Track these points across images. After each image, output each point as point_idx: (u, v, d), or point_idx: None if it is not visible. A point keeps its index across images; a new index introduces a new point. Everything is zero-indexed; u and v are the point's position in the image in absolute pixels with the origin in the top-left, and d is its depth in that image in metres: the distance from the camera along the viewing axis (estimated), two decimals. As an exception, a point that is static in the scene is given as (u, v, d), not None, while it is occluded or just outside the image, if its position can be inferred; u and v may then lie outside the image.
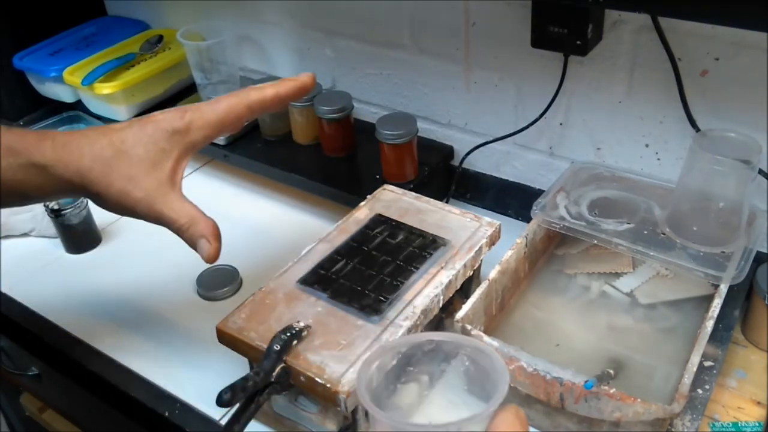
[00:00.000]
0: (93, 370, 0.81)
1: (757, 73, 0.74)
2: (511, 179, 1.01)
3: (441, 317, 0.77)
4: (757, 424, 0.69)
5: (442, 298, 0.71)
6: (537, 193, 0.88)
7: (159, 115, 0.62)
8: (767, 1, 0.55)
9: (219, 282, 0.90)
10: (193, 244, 0.61)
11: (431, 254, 0.74)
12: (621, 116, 0.86)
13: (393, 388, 0.43)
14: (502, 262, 0.76)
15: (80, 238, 1.00)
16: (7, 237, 1.03)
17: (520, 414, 0.40)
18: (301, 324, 0.65)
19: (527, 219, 0.81)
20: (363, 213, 0.81)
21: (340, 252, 0.75)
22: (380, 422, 0.38)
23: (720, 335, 0.72)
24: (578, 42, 0.78)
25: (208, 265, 0.92)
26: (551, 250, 0.87)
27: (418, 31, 0.98)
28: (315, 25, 1.10)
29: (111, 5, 1.38)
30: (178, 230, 0.61)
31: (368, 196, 0.85)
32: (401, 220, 0.79)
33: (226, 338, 0.68)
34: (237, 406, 0.58)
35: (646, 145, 0.87)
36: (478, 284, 0.73)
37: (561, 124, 0.92)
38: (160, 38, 1.23)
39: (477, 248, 0.75)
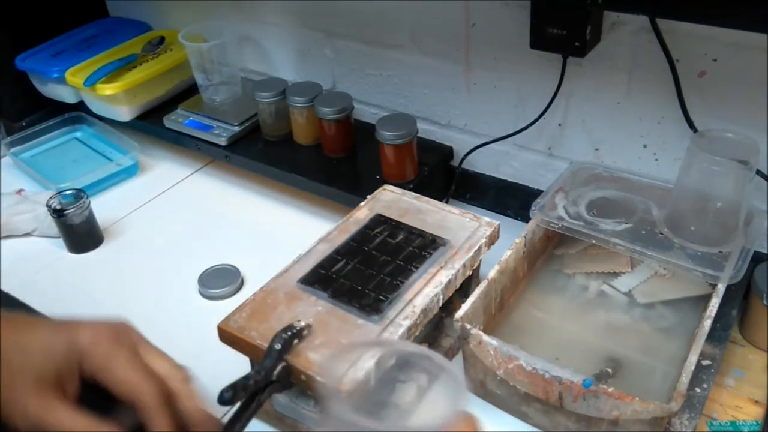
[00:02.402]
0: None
1: (755, 73, 0.74)
2: (510, 179, 1.01)
3: (441, 316, 0.78)
4: (754, 423, 0.70)
5: (441, 297, 0.71)
6: (536, 193, 0.89)
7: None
8: (765, 3, 0.55)
9: (220, 281, 0.91)
10: None
11: (431, 254, 0.74)
12: (619, 117, 0.87)
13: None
14: (501, 261, 0.76)
15: (82, 238, 1.00)
16: (9, 237, 1.04)
17: (471, 422, 0.39)
18: (302, 323, 0.65)
19: (526, 219, 0.82)
20: (363, 213, 0.82)
21: (341, 252, 0.75)
22: (332, 418, 0.38)
23: (718, 334, 0.73)
24: (577, 43, 0.78)
25: (210, 265, 0.94)
26: (550, 249, 0.87)
27: (418, 32, 0.98)
28: (315, 25, 1.10)
29: (113, 6, 1.39)
30: None
31: (368, 196, 0.85)
32: (401, 220, 0.79)
33: (227, 337, 0.68)
34: (238, 404, 0.59)
35: (645, 146, 0.87)
36: (478, 284, 0.74)
37: (560, 124, 0.92)
38: (162, 39, 1.24)
39: (476, 248, 0.75)
